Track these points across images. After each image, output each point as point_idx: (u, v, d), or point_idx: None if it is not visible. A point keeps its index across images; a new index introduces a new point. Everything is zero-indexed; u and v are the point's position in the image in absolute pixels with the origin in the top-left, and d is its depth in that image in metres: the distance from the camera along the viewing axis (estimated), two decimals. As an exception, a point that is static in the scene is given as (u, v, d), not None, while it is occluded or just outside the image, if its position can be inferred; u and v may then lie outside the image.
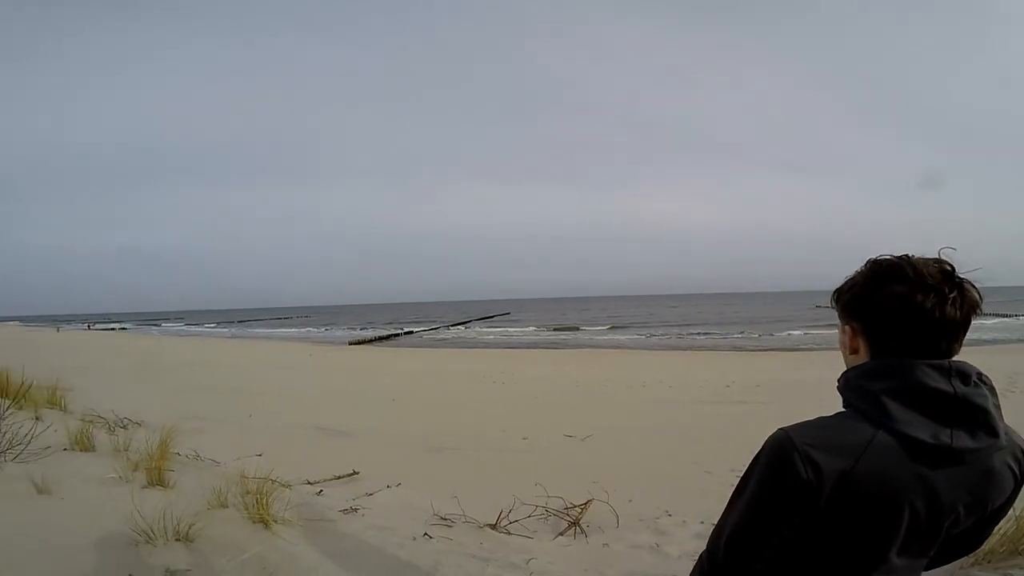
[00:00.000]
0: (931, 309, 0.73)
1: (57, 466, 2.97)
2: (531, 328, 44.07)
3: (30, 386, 5.16)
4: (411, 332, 41.78)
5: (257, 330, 53.41)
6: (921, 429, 0.71)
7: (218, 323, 72.45)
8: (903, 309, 0.74)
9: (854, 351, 0.83)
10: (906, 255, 0.78)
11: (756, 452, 0.78)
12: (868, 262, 0.81)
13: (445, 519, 3.43)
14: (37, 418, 4.20)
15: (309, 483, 4.08)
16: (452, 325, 51.34)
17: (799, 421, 0.77)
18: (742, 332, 31.65)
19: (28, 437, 3.01)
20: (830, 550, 0.75)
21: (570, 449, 5.98)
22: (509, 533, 3.36)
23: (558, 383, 11.67)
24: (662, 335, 32.33)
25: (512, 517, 3.50)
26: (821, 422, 0.77)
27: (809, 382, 9.63)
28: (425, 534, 3.11)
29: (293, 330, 51.61)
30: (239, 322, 76.59)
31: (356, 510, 3.44)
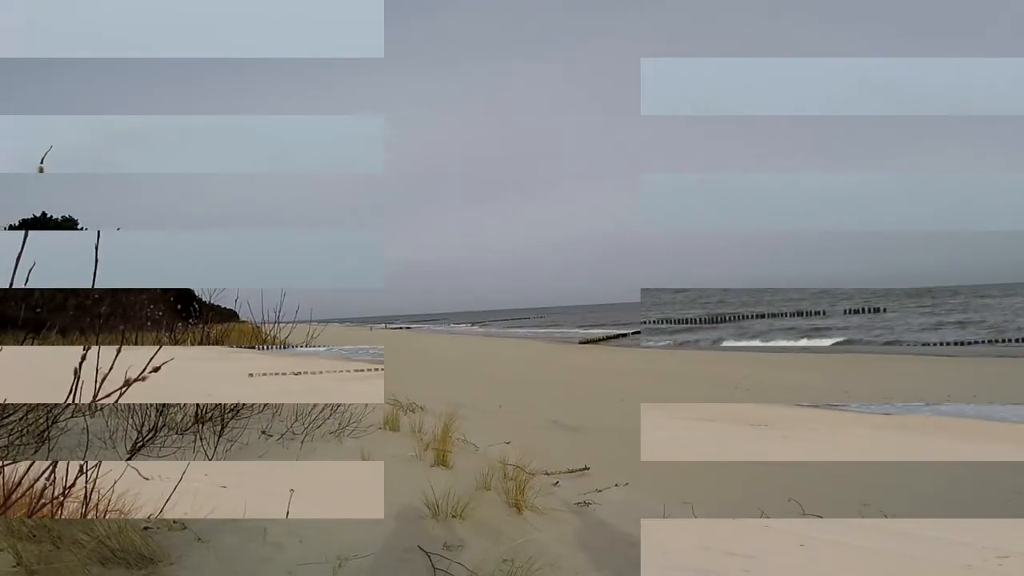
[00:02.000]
0: None
1: (375, 443, 4.01)
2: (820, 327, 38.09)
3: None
4: (638, 332, 41.39)
5: (503, 329, 60.24)
6: None
7: (469, 323, 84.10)
8: None
9: None
10: None
11: None
12: None
13: (674, 526, 3.45)
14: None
15: (547, 473, 4.48)
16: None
17: None
18: None
19: (360, 417, 4.22)
20: None
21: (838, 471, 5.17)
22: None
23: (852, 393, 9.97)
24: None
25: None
26: None
27: None
28: (653, 538, 3.20)
29: (532, 330, 56.23)
30: (491, 322, 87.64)
31: (588, 504, 3.71)
